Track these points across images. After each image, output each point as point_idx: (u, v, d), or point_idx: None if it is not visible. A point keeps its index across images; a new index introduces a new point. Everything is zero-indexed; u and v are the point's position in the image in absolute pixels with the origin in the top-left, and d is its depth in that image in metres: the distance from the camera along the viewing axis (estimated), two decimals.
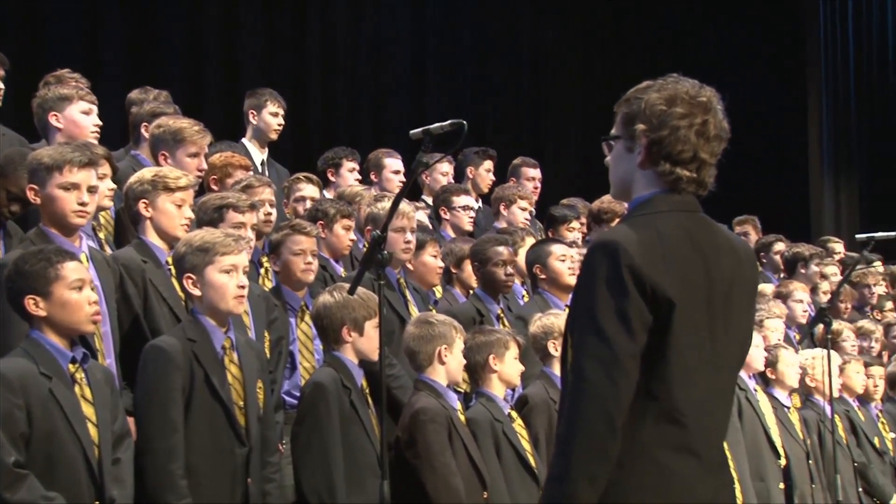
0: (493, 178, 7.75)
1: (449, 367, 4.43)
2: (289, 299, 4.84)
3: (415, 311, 5.06)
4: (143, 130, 5.58)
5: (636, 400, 2.39)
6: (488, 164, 7.74)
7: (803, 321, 7.19)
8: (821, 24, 14.15)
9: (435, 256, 5.50)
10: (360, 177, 6.95)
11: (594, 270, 2.42)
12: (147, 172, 4.42)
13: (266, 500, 3.95)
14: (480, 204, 7.66)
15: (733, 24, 13.62)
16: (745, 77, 12.66)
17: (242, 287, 3.95)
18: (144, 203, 4.30)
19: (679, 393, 2.42)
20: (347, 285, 4.33)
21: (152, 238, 4.30)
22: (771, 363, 6.10)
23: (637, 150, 2.54)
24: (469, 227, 6.77)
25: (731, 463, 5.08)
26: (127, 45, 8.75)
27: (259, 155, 6.79)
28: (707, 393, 2.47)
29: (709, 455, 2.46)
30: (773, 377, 6.13)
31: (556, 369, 4.84)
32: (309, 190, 5.99)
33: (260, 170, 6.61)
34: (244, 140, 6.81)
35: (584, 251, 6.07)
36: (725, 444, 2.66)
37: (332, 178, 6.89)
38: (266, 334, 4.53)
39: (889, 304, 8.57)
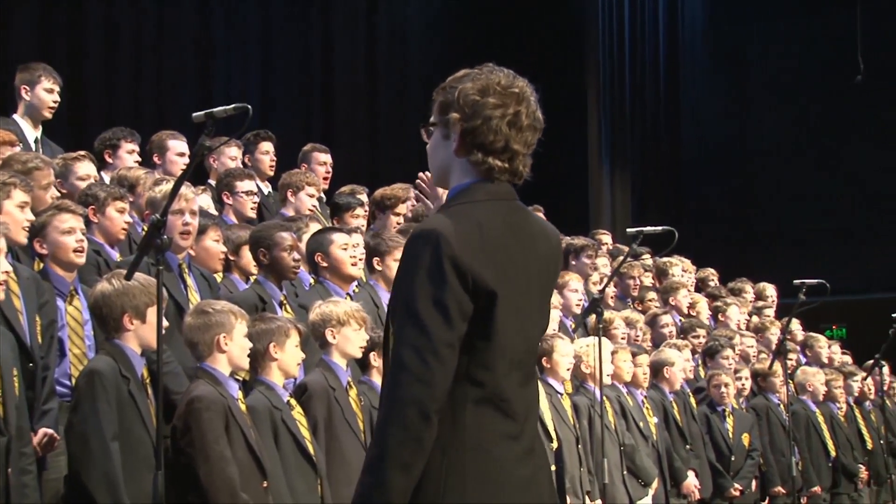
0: (274, 159, 7.60)
1: (231, 354, 4.36)
2: (56, 283, 4.63)
3: (195, 297, 4.96)
4: None
5: (459, 386, 2.43)
6: (265, 146, 7.57)
7: (577, 311, 7.47)
8: (599, 21, 14.75)
9: (217, 241, 5.43)
10: (139, 159, 6.73)
11: (415, 259, 2.44)
12: None
13: (24, 493, 3.80)
14: (272, 189, 7.56)
15: (512, 17, 13.99)
16: (524, 70, 13.01)
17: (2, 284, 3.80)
18: None
19: (503, 380, 2.48)
20: (125, 271, 4.21)
21: None
22: (547, 353, 6.31)
23: (452, 139, 2.58)
24: (252, 214, 6.67)
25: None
26: None
27: (32, 132, 6.48)
28: (523, 377, 2.54)
29: (528, 437, 2.53)
30: (549, 366, 6.34)
31: (335, 357, 4.86)
32: (88, 169, 5.75)
33: (33, 147, 6.31)
34: (15, 116, 6.47)
35: (363, 240, 6.08)
36: None
37: (110, 160, 6.64)
38: (37, 318, 4.35)
39: (651, 295, 9.01)
